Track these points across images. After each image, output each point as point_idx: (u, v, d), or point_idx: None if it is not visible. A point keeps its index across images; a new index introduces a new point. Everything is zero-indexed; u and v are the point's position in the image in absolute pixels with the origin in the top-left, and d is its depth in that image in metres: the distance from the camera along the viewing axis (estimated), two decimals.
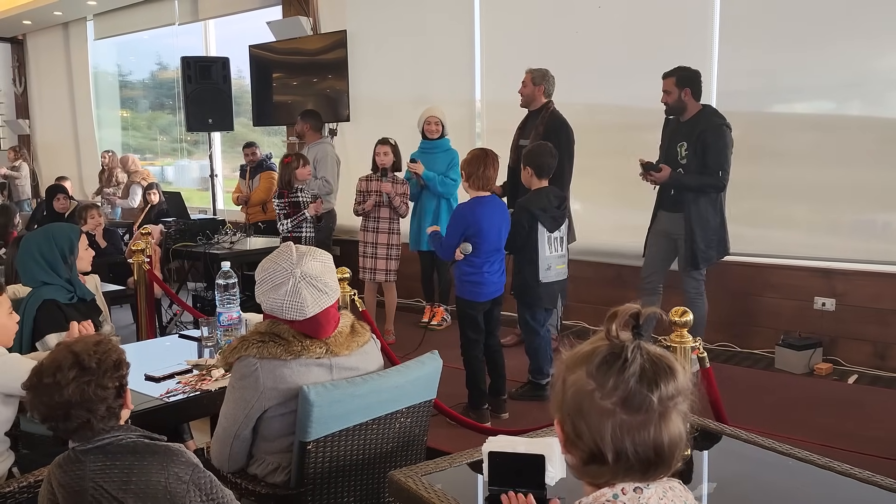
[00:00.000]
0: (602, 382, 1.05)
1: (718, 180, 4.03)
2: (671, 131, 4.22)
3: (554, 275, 3.86)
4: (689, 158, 4.06)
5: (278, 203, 5.08)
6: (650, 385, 1.04)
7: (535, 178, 3.82)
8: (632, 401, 1.04)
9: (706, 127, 4.03)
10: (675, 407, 1.06)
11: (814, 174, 4.56)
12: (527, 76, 4.61)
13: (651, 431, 1.04)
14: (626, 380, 1.04)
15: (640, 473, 1.07)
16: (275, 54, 7.20)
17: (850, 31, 4.37)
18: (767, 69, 4.64)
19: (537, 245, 3.78)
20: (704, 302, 4.12)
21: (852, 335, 4.40)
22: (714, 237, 4.11)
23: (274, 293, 2.01)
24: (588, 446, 1.07)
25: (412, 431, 2.28)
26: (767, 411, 3.74)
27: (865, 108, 4.49)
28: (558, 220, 3.84)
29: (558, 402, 1.12)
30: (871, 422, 3.61)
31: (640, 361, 1.05)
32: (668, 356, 1.08)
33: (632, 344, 1.07)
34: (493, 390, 3.76)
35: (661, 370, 1.05)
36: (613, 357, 1.06)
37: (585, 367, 1.07)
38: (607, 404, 1.04)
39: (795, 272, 4.59)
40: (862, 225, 4.46)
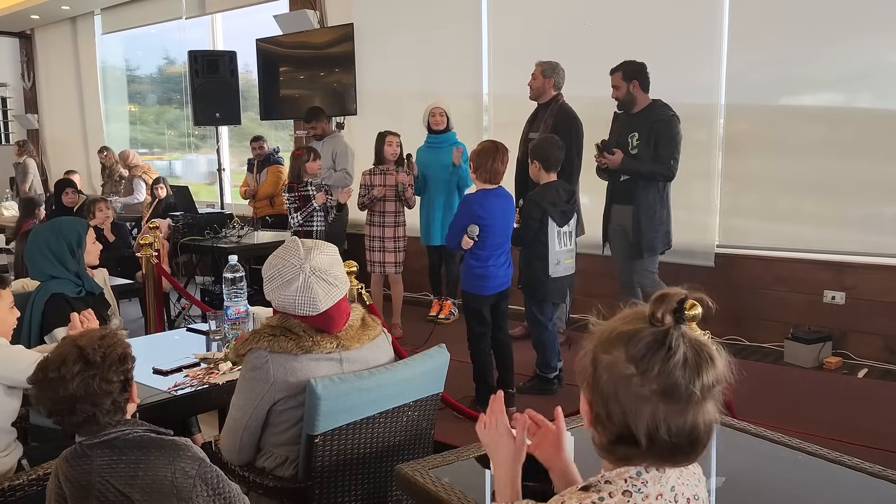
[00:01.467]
0: (644, 369, 1.02)
1: (669, 169, 4.11)
2: (621, 123, 4.29)
3: (563, 269, 3.84)
4: (641, 148, 4.15)
5: (288, 197, 5.08)
6: (693, 375, 1.01)
7: (544, 172, 3.81)
8: (673, 391, 1.01)
9: (658, 118, 4.12)
10: (713, 396, 1.04)
11: (823, 167, 4.53)
12: (536, 69, 4.60)
13: (688, 419, 1.03)
14: (670, 369, 1.01)
15: (669, 460, 1.06)
16: (282, 48, 7.20)
17: (860, 24, 4.34)
18: (777, 62, 4.61)
19: (547, 240, 3.76)
20: None
21: (862, 329, 4.37)
22: (660, 227, 4.18)
23: (285, 290, 2.00)
24: (619, 429, 1.05)
25: (419, 425, 2.28)
26: (776, 405, 3.72)
27: (875, 100, 4.45)
28: (568, 214, 3.83)
29: (588, 381, 1.09)
30: (882, 416, 3.59)
31: (683, 350, 1.02)
32: (709, 344, 1.06)
33: (676, 331, 1.03)
34: (501, 384, 3.75)
35: (703, 359, 1.03)
36: (657, 343, 1.02)
37: (625, 350, 1.04)
38: (646, 391, 1.02)
39: (805, 265, 4.56)
40: (872, 218, 4.43)
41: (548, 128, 4.44)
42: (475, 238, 3.53)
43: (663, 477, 1.07)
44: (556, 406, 1.52)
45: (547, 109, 4.57)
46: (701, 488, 1.14)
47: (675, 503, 1.08)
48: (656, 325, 1.04)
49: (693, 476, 1.12)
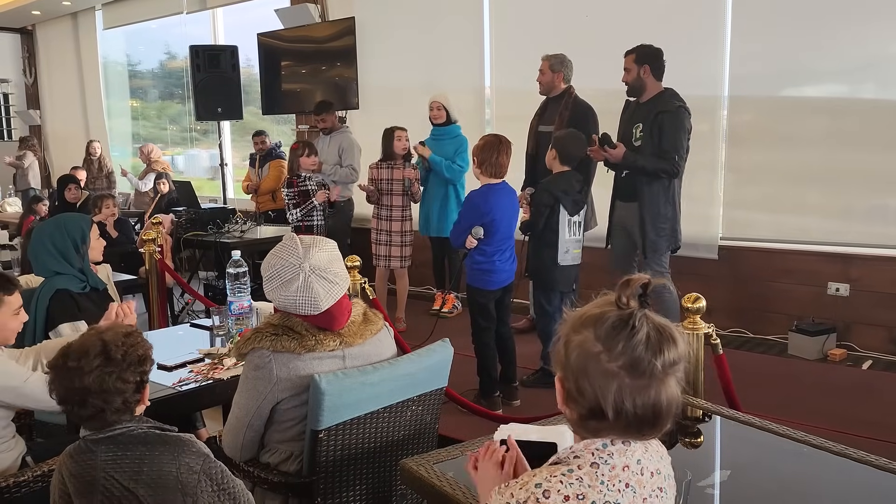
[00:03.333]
0: (609, 346, 1.11)
1: (673, 165, 3.86)
2: (631, 113, 4.10)
3: (571, 258, 3.84)
4: (645, 141, 3.92)
5: (287, 192, 5.08)
6: (654, 352, 1.10)
7: (558, 163, 3.80)
8: (637, 366, 1.10)
9: (663, 109, 3.87)
10: (675, 373, 1.13)
11: (827, 158, 4.51)
12: (544, 63, 4.54)
13: (651, 394, 1.11)
14: (633, 346, 1.10)
15: (636, 432, 1.14)
16: (283, 42, 7.18)
17: (862, 14, 4.31)
18: (779, 52, 4.59)
19: (558, 227, 3.75)
20: (673, 295, 3.94)
21: (867, 320, 4.36)
22: (665, 226, 3.97)
23: (285, 290, 1.99)
24: (589, 404, 1.13)
25: (423, 419, 2.28)
26: (781, 397, 3.72)
27: (879, 91, 4.43)
28: (579, 203, 3.82)
29: (561, 360, 1.17)
30: (887, 408, 3.59)
31: (646, 329, 1.11)
32: (671, 326, 1.14)
33: (640, 312, 1.12)
34: (505, 378, 3.75)
35: (665, 339, 1.11)
36: (622, 323, 1.11)
37: (593, 330, 1.13)
38: (613, 367, 1.10)
39: (809, 257, 4.55)
40: (876, 209, 4.41)
41: (564, 120, 4.36)
42: (479, 238, 3.53)
43: (629, 450, 1.16)
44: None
45: (560, 102, 4.50)
46: (664, 465, 1.24)
47: (641, 475, 1.16)
48: (622, 308, 1.13)
49: (656, 453, 1.22)
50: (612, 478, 1.13)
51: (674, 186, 4.02)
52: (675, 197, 4.04)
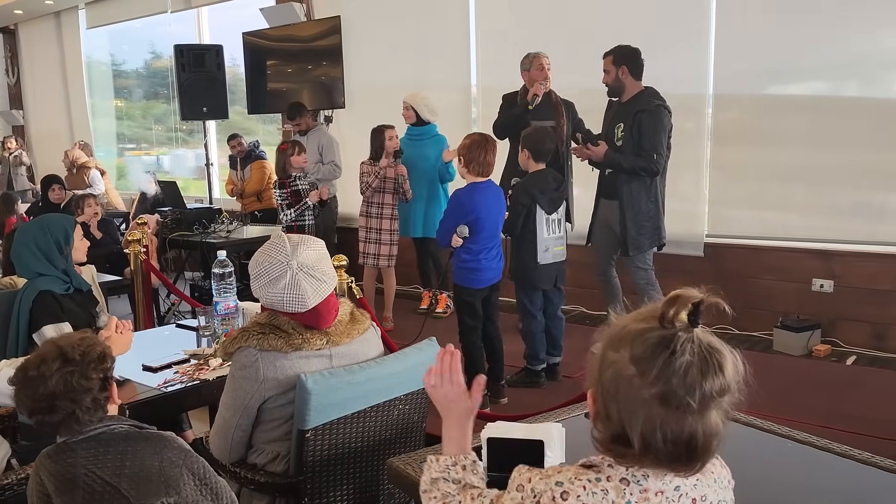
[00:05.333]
0: (644, 371, 1.00)
1: (652, 163, 3.91)
2: (613, 112, 4.15)
3: (552, 256, 3.85)
4: (625, 140, 3.97)
5: (280, 193, 5.07)
6: (693, 382, 0.98)
7: (532, 161, 3.81)
8: (671, 396, 0.99)
9: (643, 108, 3.93)
10: (717, 405, 1.01)
11: (811, 156, 4.55)
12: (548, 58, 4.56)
13: (685, 428, 1.00)
14: (670, 373, 0.98)
15: (667, 466, 1.04)
16: (269, 41, 7.15)
17: (845, 13, 4.35)
18: (764, 51, 4.62)
19: (535, 227, 3.77)
20: (658, 292, 4.03)
21: (850, 316, 4.40)
22: (647, 224, 4.01)
23: (272, 287, 1.99)
24: (616, 428, 1.04)
25: (411, 418, 2.28)
26: (766, 393, 3.68)
27: (861, 89, 4.48)
28: (556, 201, 3.83)
29: (594, 376, 1.07)
30: (870, 403, 3.62)
31: (688, 355, 0.99)
32: (723, 350, 1.02)
33: (685, 334, 1.00)
34: (492, 376, 3.76)
35: (709, 366, 0.99)
36: (662, 346, 1.00)
37: (630, 349, 1.02)
38: (644, 394, 1.00)
39: (793, 254, 4.59)
40: (859, 206, 4.45)
41: (562, 116, 4.41)
42: (465, 237, 3.53)
43: (667, 475, 1.05)
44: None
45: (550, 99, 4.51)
46: (715, 491, 1.12)
47: (677, 502, 1.06)
48: (666, 328, 1.01)
49: (710, 477, 1.11)
50: (641, 500, 1.04)
51: (656, 184, 4.06)
52: (657, 195, 4.07)
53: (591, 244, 4.36)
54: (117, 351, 2.23)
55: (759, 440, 2.00)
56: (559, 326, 4.06)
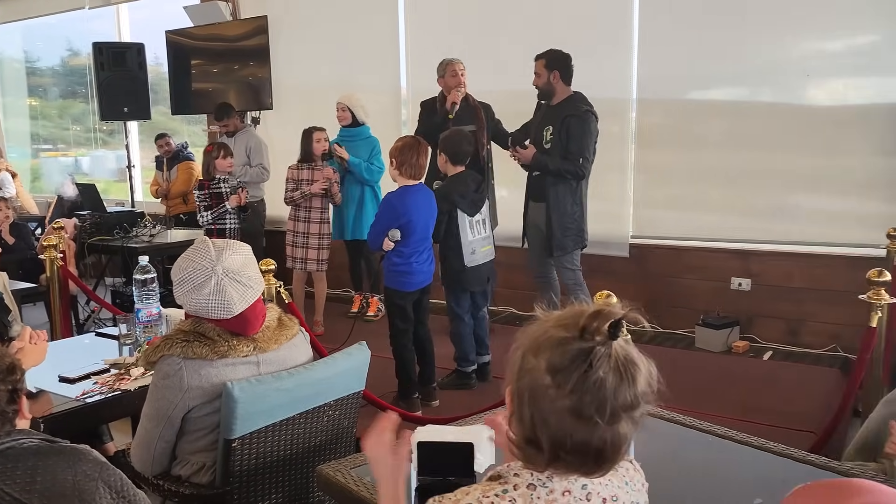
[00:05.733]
0: (559, 383, 1.02)
1: (578, 167, 4.02)
2: (542, 115, 4.23)
3: (480, 257, 3.88)
4: (554, 143, 4.06)
5: (199, 195, 4.93)
6: (606, 397, 1.01)
7: (451, 165, 3.83)
8: (583, 410, 1.01)
9: (571, 112, 4.03)
10: (629, 416, 1.04)
11: (729, 159, 4.72)
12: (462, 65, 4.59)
13: (594, 439, 1.03)
14: (585, 388, 1.01)
15: (575, 469, 1.07)
16: (193, 40, 6.96)
17: (762, 22, 4.52)
18: (685, 57, 4.76)
19: (459, 231, 3.79)
20: (585, 292, 4.14)
21: (767, 313, 4.59)
22: (571, 226, 4.12)
23: (196, 294, 1.94)
24: (528, 432, 1.06)
25: (341, 424, 2.26)
26: (689, 389, 3.85)
27: (776, 95, 4.66)
28: (477, 203, 3.86)
29: (512, 378, 1.09)
30: (786, 396, 3.78)
31: (604, 370, 1.01)
32: (638, 363, 1.05)
33: (603, 348, 1.02)
34: (423, 379, 3.76)
35: (623, 381, 1.02)
36: (580, 359, 1.02)
37: (548, 358, 1.04)
38: (558, 405, 1.02)
39: (714, 254, 4.75)
40: (774, 207, 4.63)
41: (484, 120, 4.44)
42: (396, 240, 3.52)
43: (574, 475, 1.08)
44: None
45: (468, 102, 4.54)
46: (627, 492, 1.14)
47: (587, 501, 1.08)
48: (586, 339, 1.03)
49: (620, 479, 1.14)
50: (549, 502, 1.07)
51: (581, 187, 4.17)
52: (581, 197, 4.19)
53: (527, 246, 4.42)
54: (30, 362, 2.14)
55: (681, 435, 2.06)
56: (483, 326, 4.10)
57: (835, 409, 3.04)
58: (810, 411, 3.53)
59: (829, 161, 4.45)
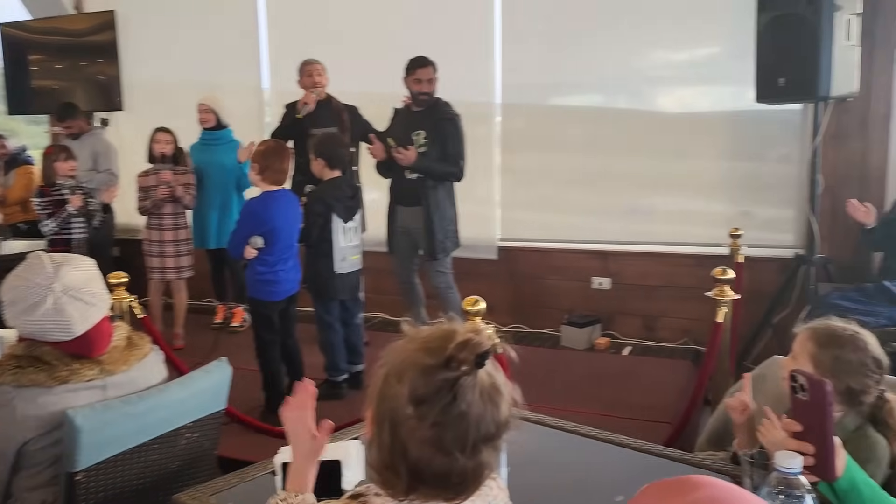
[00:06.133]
0: (422, 414, 1.00)
1: (459, 169, 4.14)
2: (403, 120, 4.20)
3: (349, 265, 3.81)
4: (429, 147, 4.10)
5: (39, 202, 4.54)
6: (468, 430, 1.00)
7: (328, 169, 3.75)
8: (444, 442, 1.00)
9: (444, 116, 4.11)
10: (492, 446, 1.03)
11: (589, 162, 4.91)
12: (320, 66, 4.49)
13: (455, 468, 1.02)
14: (447, 421, 1.00)
15: (433, 497, 1.05)
16: (31, 34, 6.42)
17: (617, 31, 4.73)
18: (547, 64, 4.89)
19: (332, 236, 3.71)
20: (456, 294, 4.20)
21: (626, 311, 4.81)
22: (451, 228, 4.22)
23: (30, 315, 1.76)
24: (385, 457, 1.04)
25: (201, 446, 2.13)
26: (556, 387, 3.97)
27: (630, 101, 4.91)
28: (352, 209, 3.80)
29: (373, 399, 1.06)
30: (644, 389, 3.97)
31: (467, 402, 1.00)
32: (502, 389, 1.04)
33: (469, 378, 1.00)
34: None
35: (486, 411, 1.01)
36: (445, 388, 1.00)
37: (411, 385, 1.01)
38: (419, 435, 1.00)
39: (576, 255, 4.92)
40: (630, 208, 4.86)
41: (346, 123, 4.36)
42: (259, 248, 3.39)
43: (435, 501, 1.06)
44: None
45: (329, 106, 4.45)
46: None
47: None
48: (452, 368, 1.01)
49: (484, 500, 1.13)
50: None
51: (454, 190, 4.24)
52: (454, 200, 4.26)
53: (392, 252, 4.38)
54: None
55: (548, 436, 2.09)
56: (358, 334, 4.04)
57: (688, 400, 3.21)
58: (666, 403, 3.72)
59: (678, 165, 4.73)
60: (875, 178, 4.21)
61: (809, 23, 3.67)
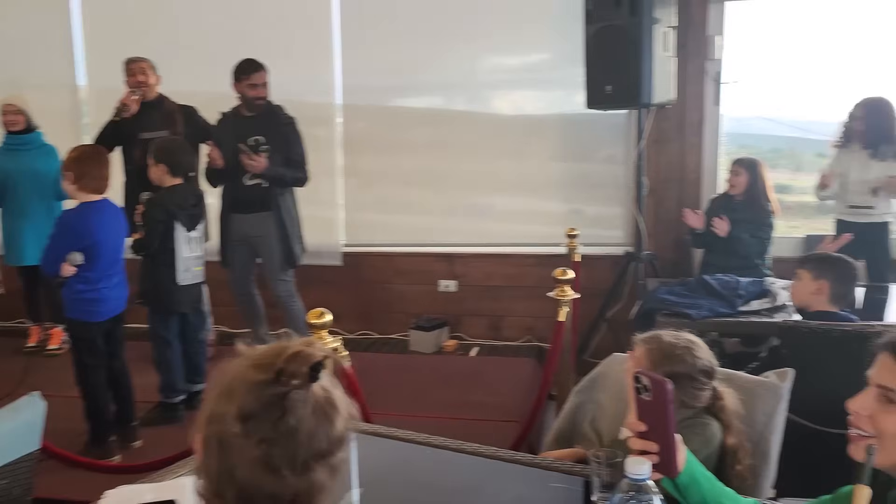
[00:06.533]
0: (249, 431, 0.94)
1: (306, 174, 4.10)
2: (238, 126, 4.02)
3: (192, 277, 3.61)
4: (271, 153, 3.98)
5: None
6: (299, 447, 0.95)
7: (170, 176, 3.50)
8: (274, 461, 0.94)
9: (284, 121, 4.03)
10: (324, 464, 0.98)
11: (433, 165, 4.95)
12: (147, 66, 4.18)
13: (286, 490, 0.96)
14: (277, 437, 0.94)
15: None
16: None
17: (455, 36, 4.79)
18: (387, 66, 4.87)
19: (174, 245, 3.48)
20: (299, 303, 4.10)
21: (472, 312, 4.89)
22: (300, 234, 4.18)
23: None
24: (216, 485, 0.97)
25: (11, 494, 1.87)
26: (405, 393, 3.95)
27: (470, 104, 5.01)
28: (196, 218, 3.60)
29: (202, 422, 0.99)
30: (492, 389, 4.04)
31: (299, 417, 0.95)
32: (338, 404, 1.00)
33: (300, 393, 0.96)
34: (121, 418, 3.35)
35: (319, 427, 0.97)
36: (274, 406, 0.95)
37: (239, 404, 0.95)
38: (247, 455, 0.94)
39: (422, 258, 4.94)
40: (473, 210, 4.96)
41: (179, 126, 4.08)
42: (78, 265, 3.08)
43: None
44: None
45: (161, 107, 4.15)
46: None
47: None
48: (283, 383, 0.96)
49: None
50: None
51: (296, 194, 4.16)
52: (298, 204, 4.19)
53: (227, 263, 4.16)
54: None
55: (401, 451, 2.04)
56: (201, 351, 3.82)
57: (534, 398, 3.29)
58: (514, 401, 3.80)
59: (515, 166, 4.87)
60: (691, 179, 4.55)
61: (631, 34, 3.89)
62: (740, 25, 4.49)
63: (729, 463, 1.78)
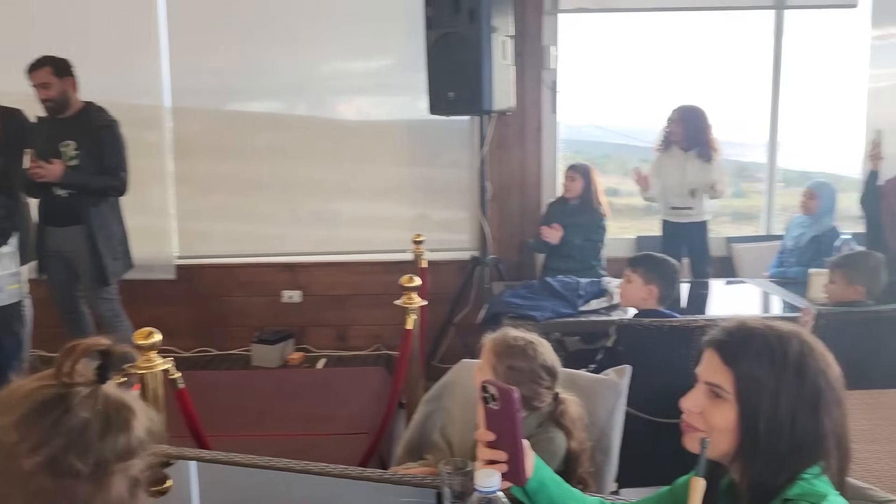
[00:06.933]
0: (26, 435, 0.83)
1: (121, 182, 3.78)
2: (49, 131, 3.73)
3: (7, 297, 3.27)
4: (83, 159, 3.69)
5: None
6: (89, 444, 0.85)
7: None
8: (58, 462, 0.83)
9: (100, 124, 3.74)
10: (121, 470, 0.88)
11: (273, 171, 4.77)
12: None
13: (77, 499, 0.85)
14: (59, 435, 0.84)
15: None
16: None
17: (293, 40, 4.66)
18: (220, 69, 4.69)
19: None
20: (126, 322, 3.82)
21: (317, 322, 4.76)
22: (120, 248, 3.87)
23: None
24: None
25: None
26: (249, 412, 3.75)
27: (311, 109, 4.90)
28: (5, 231, 3.26)
29: None
30: (339, 401, 3.92)
31: (86, 413, 0.85)
32: (133, 406, 0.90)
33: (86, 390, 0.87)
34: None
35: (112, 425, 0.87)
36: (54, 404, 0.85)
37: (16, 412, 0.85)
38: (27, 464, 0.83)
39: (263, 269, 4.76)
40: (316, 218, 4.83)
41: None
42: None
43: None
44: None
45: None
46: None
47: None
48: (65, 383, 0.87)
49: None
50: None
51: (120, 205, 3.85)
52: (121, 216, 3.87)
53: (48, 280, 3.79)
54: None
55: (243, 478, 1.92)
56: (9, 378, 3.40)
57: (384, 408, 3.23)
58: (363, 412, 3.71)
59: (360, 171, 4.81)
60: (531, 184, 4.70)
61: (471, 42, 3.96)
62: (573, 37, 4.71)
63: (573, 467, 1.82)
